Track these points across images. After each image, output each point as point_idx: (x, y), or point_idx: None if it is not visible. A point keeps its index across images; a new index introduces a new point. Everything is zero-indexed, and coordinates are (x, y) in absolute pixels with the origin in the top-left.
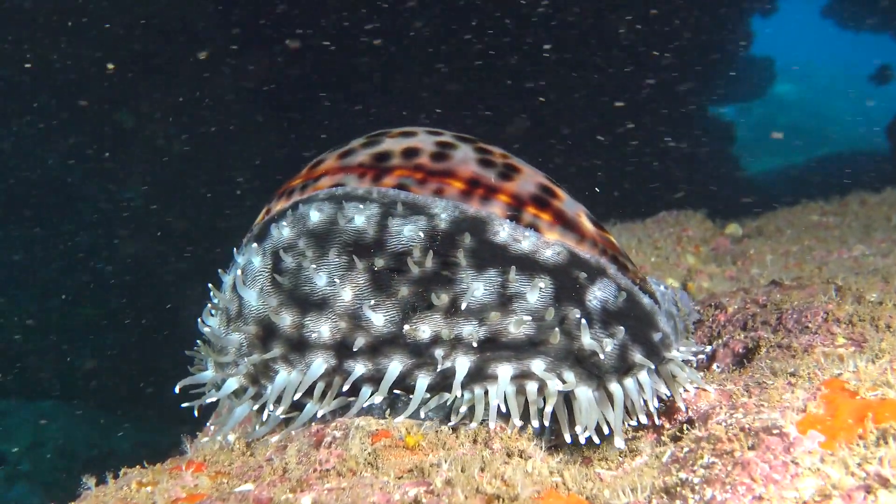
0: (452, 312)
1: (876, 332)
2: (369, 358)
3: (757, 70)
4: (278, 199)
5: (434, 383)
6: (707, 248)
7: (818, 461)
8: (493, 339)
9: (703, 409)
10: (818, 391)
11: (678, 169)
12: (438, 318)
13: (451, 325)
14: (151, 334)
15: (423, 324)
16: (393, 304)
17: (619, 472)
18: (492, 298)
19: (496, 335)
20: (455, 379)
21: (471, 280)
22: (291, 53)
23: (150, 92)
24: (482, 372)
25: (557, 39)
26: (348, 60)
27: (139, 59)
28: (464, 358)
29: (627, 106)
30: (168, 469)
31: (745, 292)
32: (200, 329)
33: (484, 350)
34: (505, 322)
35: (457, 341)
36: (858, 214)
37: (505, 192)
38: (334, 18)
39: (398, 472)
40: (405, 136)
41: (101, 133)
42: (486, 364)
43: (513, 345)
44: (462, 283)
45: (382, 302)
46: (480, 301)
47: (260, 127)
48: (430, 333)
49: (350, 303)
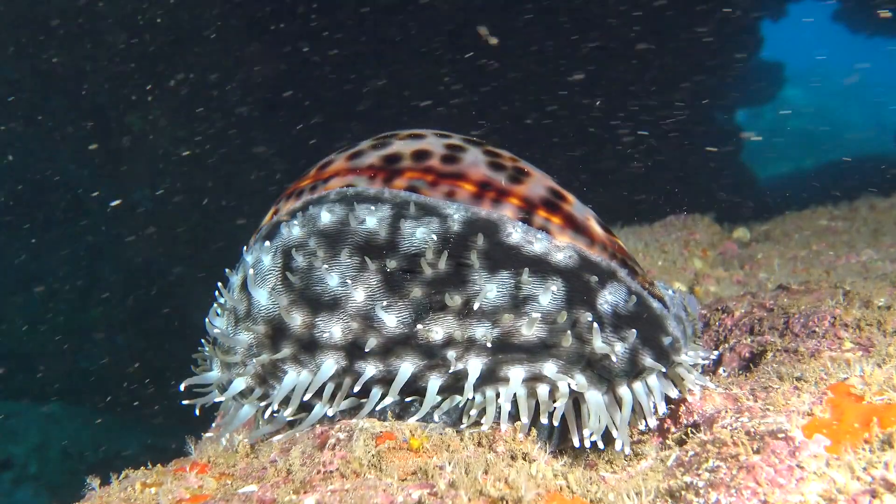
0: (465, 314)
1: (883, 337)
2: (381, 359)
3: (766, 74)
4: (287, 200)
5: (446, 385)
6: (714, 252)
7: (824, 465)
8: (505, 341)
9: (709, 413)
10: (824, 395)
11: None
12: (451, 319)
13: (463, 327)
14: (158, 336)
15: (437, 325)
16: (406, 305)
17: (624, 476)
18: (504, 300)
19: (508, 337)
20: (468, 381)
21: (484, 281)
22: (299, 57)
23: (159, 95)
24: (494, 374)
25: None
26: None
27: (147, 61)
28: (476, 360)
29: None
30: (172, 470)
31: (753, 296)
32: (208, 329)
33: (496, 352)
34: (518, 324)
35: (470, 343)
36: (867, 219)
37: (516, 195)
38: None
39: (402, 475)
40: (414, 139)
41: (108, 136)
42: (498, 366)
43: (525, 347)
44: (475, 285)
45: (395, 303)
46: (493, 303)
47: (267, 129)
48: (443, 334)
49: (362, 303)
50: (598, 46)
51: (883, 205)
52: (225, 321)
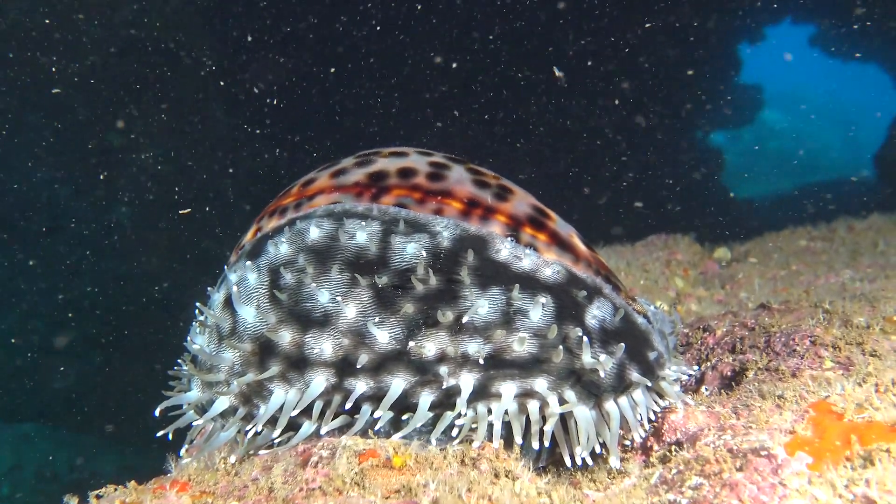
0: (457, 330)
1: (863, 356)
2: (371, 376)
3: (746, 97)
4: (270, 218)
5: (437, 401)
6: (696, 271)
7: (806, 483)
8: (497, 357)
9: (692, 431)
10: (806, 413)
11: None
12: (444, 335)
13: (456, 343)
14: (136, 355)
15: (429, 341)
16: (398, 321)
17: (608, 494)
18: (496, 316)
19: (500, 353)
20: (461, 396)
21: (475, 297)
22: (283, 71)
23: (138, 111)
24: (486, 390)
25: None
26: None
27: (127, 77)
28: (468, 375)
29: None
30: (152, 488)
31: (734, 315)
32: (188, 347)
33: (488, 368)
34: (510, 340)
35: (463, 358)
36: (846, 240)
37: (502, 213)
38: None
39: (385, 492)
40: (397, 157)
41: (88, 152)
42: (490, 382)
43: (517, 363)
44: (466, 301)
45: (387, 319)
46: (485, 318)
47: (248, 146)
48: (436, 350)
49: (354, 319)
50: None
51: (860, 226)
52: (207, 339)
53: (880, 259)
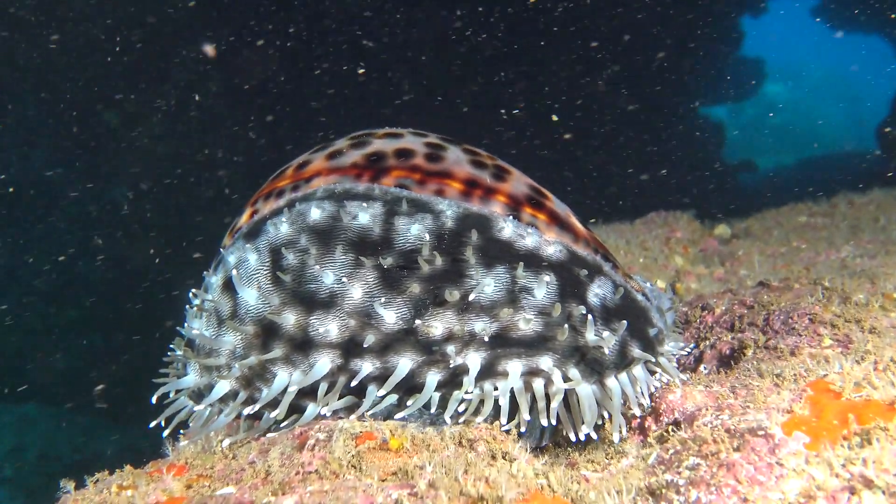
0: (464, 308)
1: (862, 334)
2: (378, 356)
3: (747, 70)
4: (266, 200)
5: (443, 381)
6: (695, 249)
7: (803, 462)
8: (503, 336)
9: (690, 411)
10: (804, 392)
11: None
12: (451, 314)
13: (463, 322)
14: (136, 336)
15: (436, 320)
16: (404, 301)
17: (605, 474)
18: (501, 294)
19: (506, 331)
20: (468, 375)
21: (480, 276)
22: (280, 55)
23: (136, 92)
24: (493, 368)
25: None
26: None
27: (125, 58)
28: (475, 354)
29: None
30: (149, 472)
31: (733, 293)
32: (185, 331)
33: (495, 346)
34: (515, 318)
35: (470, 337)
36: (846, 215)
37: (502, 193)
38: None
39: (382, 475)
40: (392, 138)
41: (86, 133)
42: (496, 360)
43: (523, 341)
44: (472, 280)
45: (393, 299)
46: (491, 297)
47: (246, 128)
48: (443, 330)
49: (360, 300)
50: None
51: (861, 201)
52: (205, 322)
53: (881, 234)
